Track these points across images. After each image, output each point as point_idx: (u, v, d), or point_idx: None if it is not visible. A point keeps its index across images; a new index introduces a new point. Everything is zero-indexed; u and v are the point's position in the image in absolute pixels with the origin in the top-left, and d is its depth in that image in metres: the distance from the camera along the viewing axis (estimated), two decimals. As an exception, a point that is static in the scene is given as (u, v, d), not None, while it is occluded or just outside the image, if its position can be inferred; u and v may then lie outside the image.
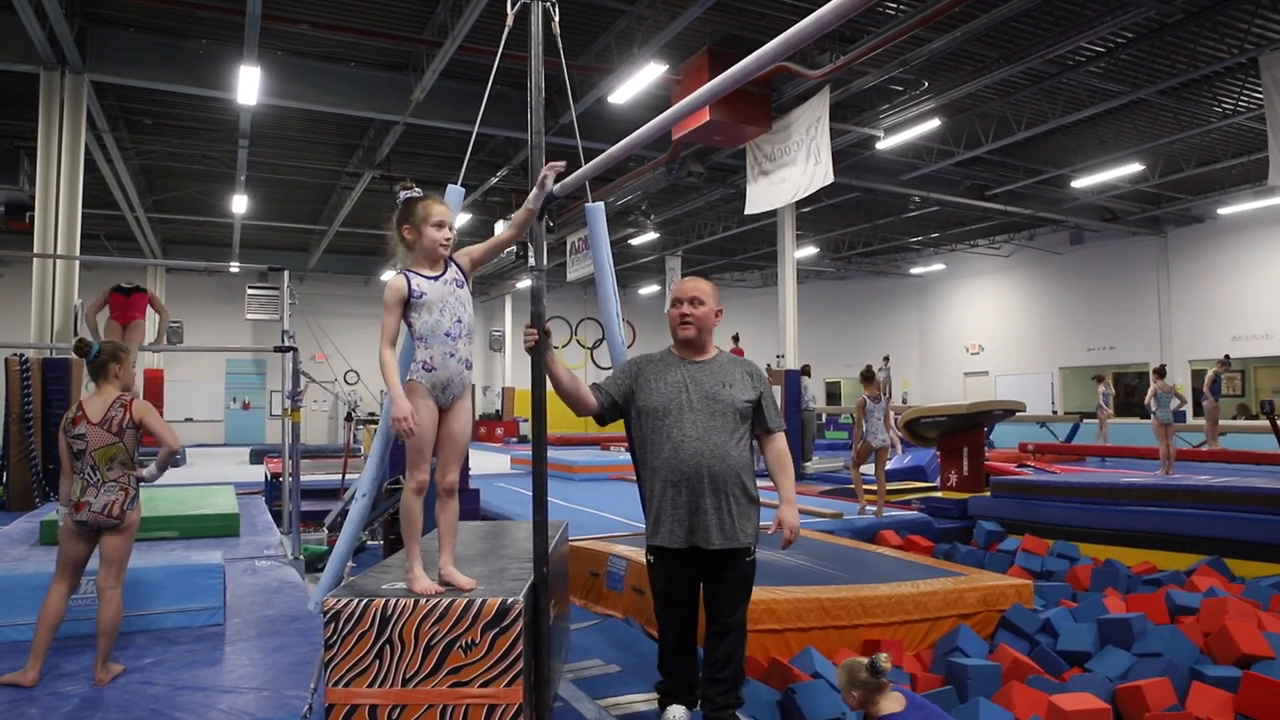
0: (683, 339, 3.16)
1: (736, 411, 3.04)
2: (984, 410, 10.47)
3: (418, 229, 2.75)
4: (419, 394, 2.74)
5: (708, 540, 2.97)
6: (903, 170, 15.49)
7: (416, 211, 2.76)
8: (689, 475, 2.98)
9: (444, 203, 2.84)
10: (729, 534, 2.97)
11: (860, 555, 6.10)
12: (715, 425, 3.01)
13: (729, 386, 3.07)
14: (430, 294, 2.74)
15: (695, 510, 2.98)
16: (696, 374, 3.09)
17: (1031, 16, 9.91)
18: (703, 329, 3.14)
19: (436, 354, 2.76)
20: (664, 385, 3.09)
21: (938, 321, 25.49)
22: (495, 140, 14.07)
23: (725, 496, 2.98)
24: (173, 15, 10.12)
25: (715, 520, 2.97)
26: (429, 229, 2.75)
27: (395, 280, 2.75)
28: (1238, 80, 11.97)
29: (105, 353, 3.79)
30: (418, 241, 2.76)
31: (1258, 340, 18.00)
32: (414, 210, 2.77)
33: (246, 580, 5.20)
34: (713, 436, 2.99)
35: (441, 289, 2.76)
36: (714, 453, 2.98)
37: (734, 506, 2.99)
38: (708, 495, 2.97)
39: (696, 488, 2.97)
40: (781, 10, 9.71)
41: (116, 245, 20.74)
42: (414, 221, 2.75)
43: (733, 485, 2.99)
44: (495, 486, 11.11)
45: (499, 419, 27.47)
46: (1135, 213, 18.84)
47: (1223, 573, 6.58)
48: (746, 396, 3.07)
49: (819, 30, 1.80)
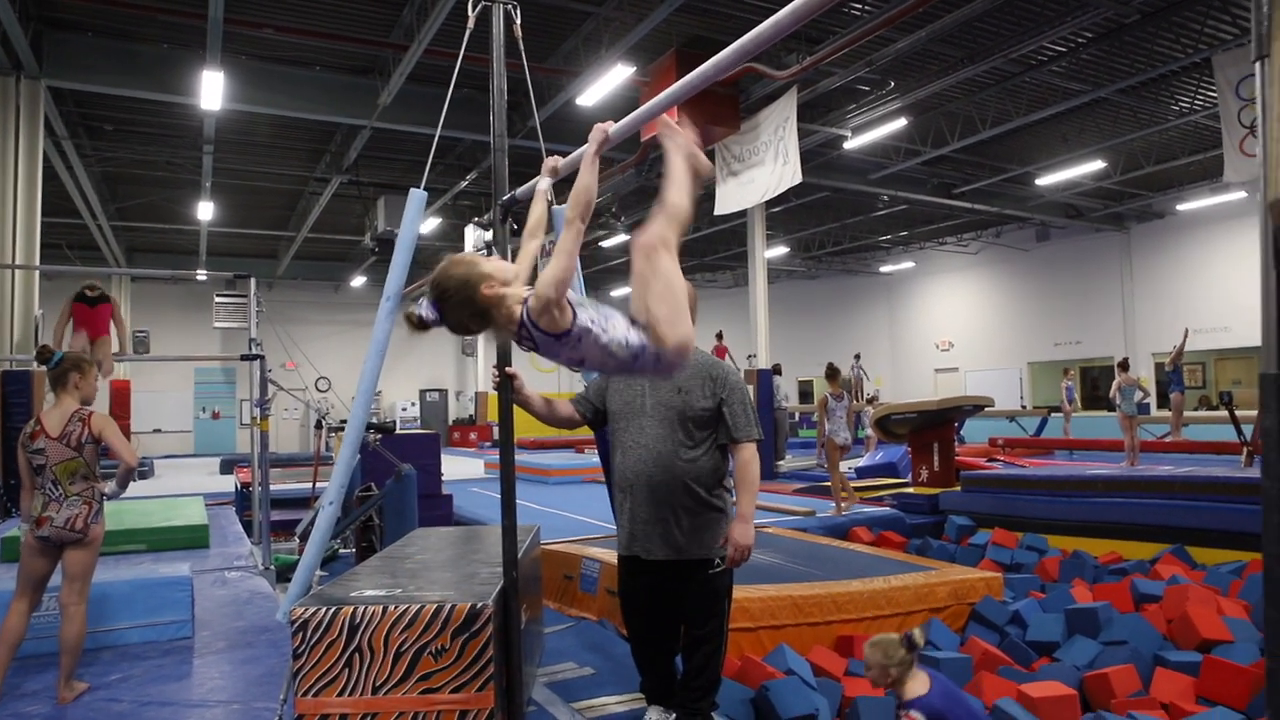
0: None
1: (687, 419, 2.92)
2: (954, 406, 10.58)
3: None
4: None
5: (648, 550, 2.90)
6: (871, 169, 15.62)
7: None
8: (633, 483, 2.93)
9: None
10: (676, 546, 2.88)
11: (833, 552, 6.14)
12: (664, 433, 2.91)
13: (683, 393, 2.95)
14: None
15: (635, 519, 2.92)
16: (656, 379, 3.00)
17: (994, 17, 10.04)
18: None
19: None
20: (626, 390, 3.04)
21: (908, 319, 25.72)
22: (464, 144, 14.01)
23: (671, 507, 2.88)
24: (133, 19, 9.98)
25: (658, 531, 2.88)
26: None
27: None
28: (1193, 79, 12.20)
29: (67, 361, 3.74)
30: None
31: (1217, 333, 18.34)
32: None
33: (216, 592, 5.15)
34: (660, 445, 2.90)
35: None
36: (658, 461, 2.89)
37: (682, 517, 2.88)
38: (647, 505, 2.89)
39: (638, 496, 2.91)
40: (747, 11, 9.76)
41: (79, 254, 20.41)
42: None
43: (681, 495, 2.88)
44: (469, 492, 11.05)
45: (472, 424, 27.34)
46: (1098, 209, 19.14)
47: (1185, 561, 6.71)
48: (702, 404, 2.94)
49: (777, 34, 1.82)
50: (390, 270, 3.20)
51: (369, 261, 21.62)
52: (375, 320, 3.16)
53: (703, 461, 2.92)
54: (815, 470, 13.50)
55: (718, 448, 2.97)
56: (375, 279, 24.45)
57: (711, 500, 2.93)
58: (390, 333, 3.19)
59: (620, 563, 3.06)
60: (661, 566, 2.91)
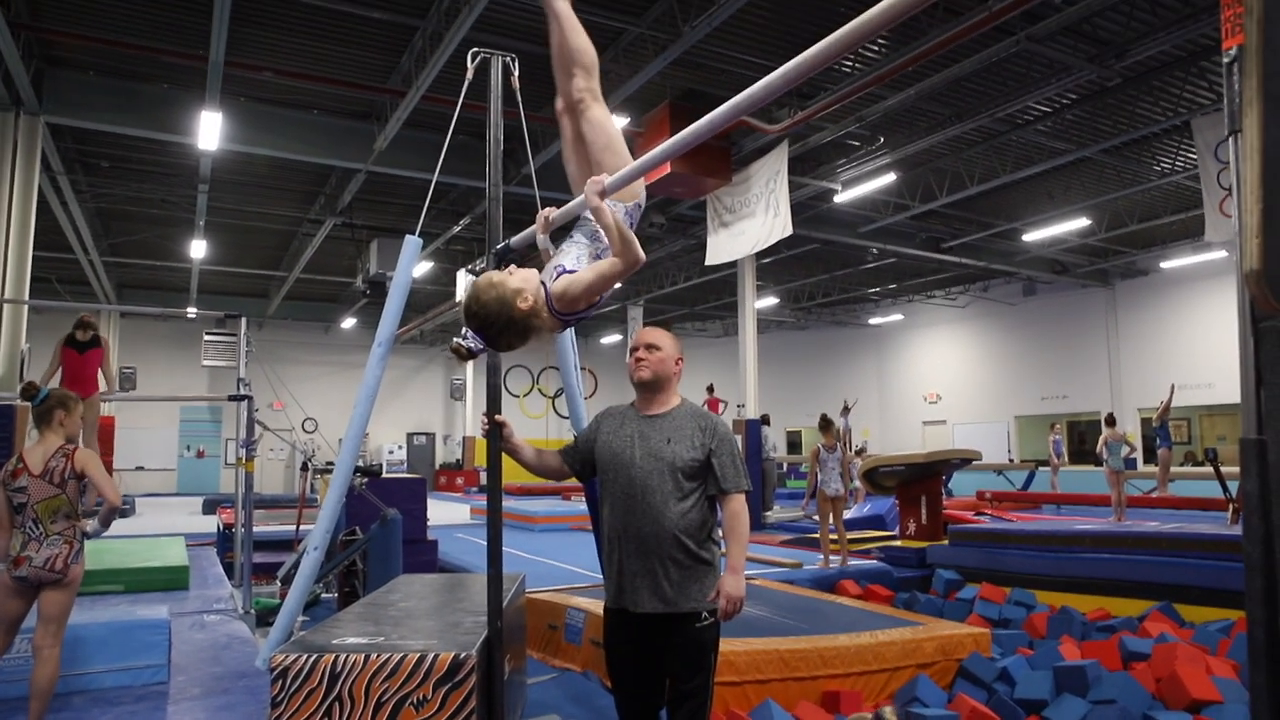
0: (637, 380, 3.03)
1: (677, 470, 2.89)
2: (942, 459, 10.60)
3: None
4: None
5: (636, 603, 2.85)
6: (860, 223, 15.81)
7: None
8: (620, 534, 2.88)
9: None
10: (665, 598, 2.83)
11: (820, 605, 6.10)
12: (652, 485, 2.87)
13: (671, 443, 2.92)
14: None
15: (623, 571, 2.88)
16: (645, 429, 2.97)
17: (981, 77, 10.27)
18: (659, 374, 3.00)
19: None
20: (615, 440, 2.99)
21: (896, 371, 25.84)
22: (458, 189, 14.14)
23: (659, 559, 2.84)
24: (134, 59, 10.10)
25: (646, 583, 2.84)
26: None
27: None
28: (1174, 141, 12.47)
29: (53, 398, 3.72)
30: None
31: (1201, 389, 18.48)
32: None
33: (194, 636, 5.07)
34: (648, 496, 2.86)
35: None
36: (646, 513, 2.85)
37: (670, 570, 2.84)
38: (635, 557, 2.85)
39: (627, 547, 2.87)
40: (739, 67, 9.95)
41: (69, 289, 20.38)
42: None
43: (669, 547, 2.84)
44: (454, 537, 10.96)
45: (459, 468, 27.18)
46: (1084, 265, 19.39)
47: (1173, 618, 6.69)
48: (691, 455, 2.90)
49: (770, 95, 1.86)
50: (383, 315, 3.22)
51: (360, 303, 21.66)
52: (367, 364, 3.16)
53: (691, 514, 2.88)
54: (803, 521, 13.45)
55: (706, 499, 2.95)
56: (365, 321, 24.46)
57: (700, 553, 2.88)
58: (381, 377, 3.20)
59: (607, 615, 3.01)
60: (649, 619, 2.87)
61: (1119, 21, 9.03)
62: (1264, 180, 1.06)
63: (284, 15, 9.16)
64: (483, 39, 8.54)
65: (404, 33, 9.56)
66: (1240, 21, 1.09)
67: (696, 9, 8.49)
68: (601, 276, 2.61)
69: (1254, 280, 1.08)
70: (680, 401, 3.05)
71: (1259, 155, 1.06)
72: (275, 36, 9.65)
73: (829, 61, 1.76)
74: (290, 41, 9.76)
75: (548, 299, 2.62)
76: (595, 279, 2.61)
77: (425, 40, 9.37)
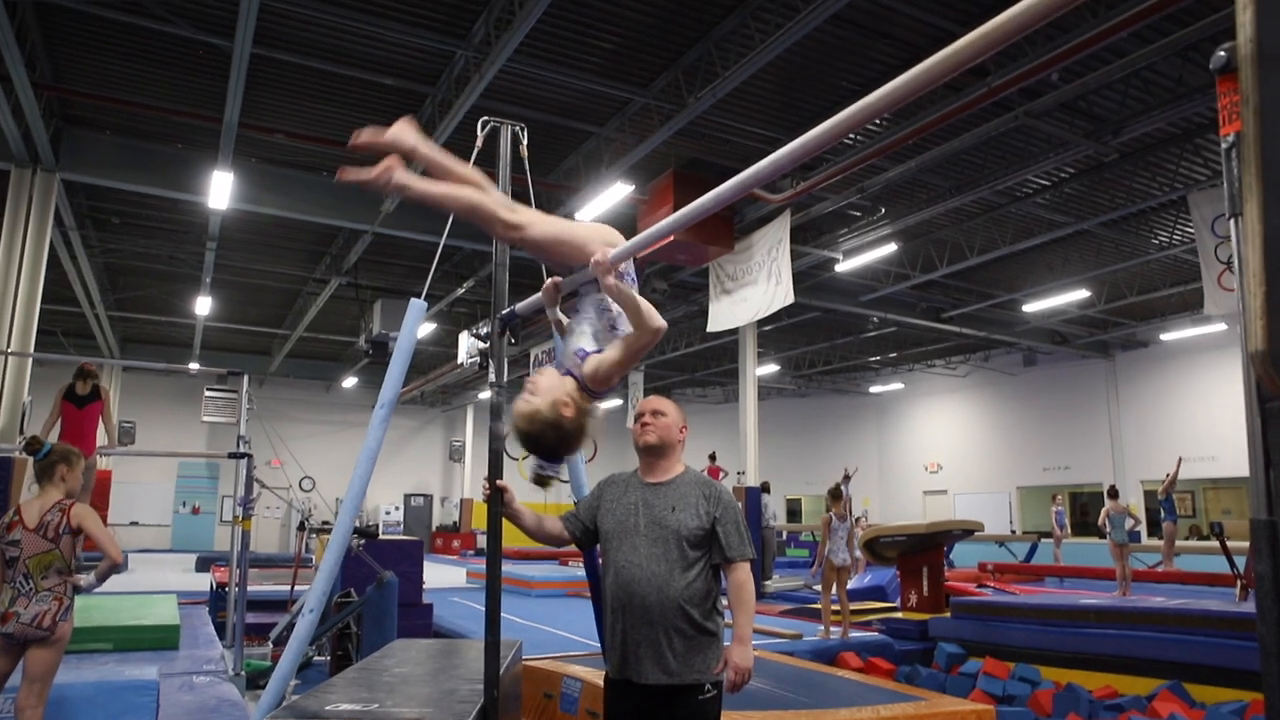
0: (643, 445, 3.03)
1: (681, 539, 2.85)
2: (943, 530, 10.50)
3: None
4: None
5: (640, 674, 2.79)
6: (861, 291, 15.93)
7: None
8: (625, 603, 2.83)
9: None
10: (669, 670, 2.78)
11: (820, 678, 5.98)
12: (657, 553, 2.84)
13: (676, 511, 2.89)
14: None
15: (627, 641, 2.82)
16: (649, 497, 2.95)
17: (980, 151, 10.46)
18: (664, 439, 3.01)
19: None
20: (618, 508, 2.97)
21: (896, 440, 25.75)
22: (463, 252, 14.29)
23: (664, 630, 2.79)
24: (150, 120, 10.31)
25: (650, 654, 2.79)
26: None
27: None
28: (1171, 215, 12.64)
29: (55, 453, 3.72)
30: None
31: (1205, 462, 18.39)
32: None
33: (182, 698, 4.96)
34: (653, 565, 2.83)
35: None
36: (651, 581, 2.81)
37: (675, 640, 2.79)
38: (640, 627, 2.80)
39: (630, 617, 2.82)
40: (743, 137, 10.15)
41: (74, 342, 20.46)
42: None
43: (674, 617, 2.79)
44: (449, 601, 10.81)
45: (456, 531, 26.93)
46: (1084, 336, 19.47)
47: (1183, 698, 6.54)
48: (696, 523, 2.87)
49: (775, 172, 1.91)
50: (387, 377, 3.23)
51: (362, 363, 21.72)
52: (369, 425, 3.16)
53: (696, 584, 2.84)
54: (803, 591, 13.27)
55: (711, 569, 2.92)
56: (366, 381, 24.49)
57: (705, 624, 2.84)
58: (382, 439, 3.19)
59: (609, 686, 2.94)
60: (653, 691, 2.81)
61: (1114, 99, 9.24)
62: (1266, 264, 1.08)
63: (297, 80, 9.39)
64: (491, 107, 8.75)
65: (414, 99, 9.78)
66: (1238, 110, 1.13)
67: (702, 81, 8.69)
68: (630, 351, 2.69)
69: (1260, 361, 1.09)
70: (684, 469, 3.04)
71: (1260, 239, 1.08)
72: (288, 101, 9.87)
73: (834, 140, 1.80)
74: (303, 106, 9.98)
75: (581, 385, 2.72)
76: (625, 355, 2.70)
77: (435, 107, 9.57)
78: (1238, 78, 1.11)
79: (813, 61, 8.71)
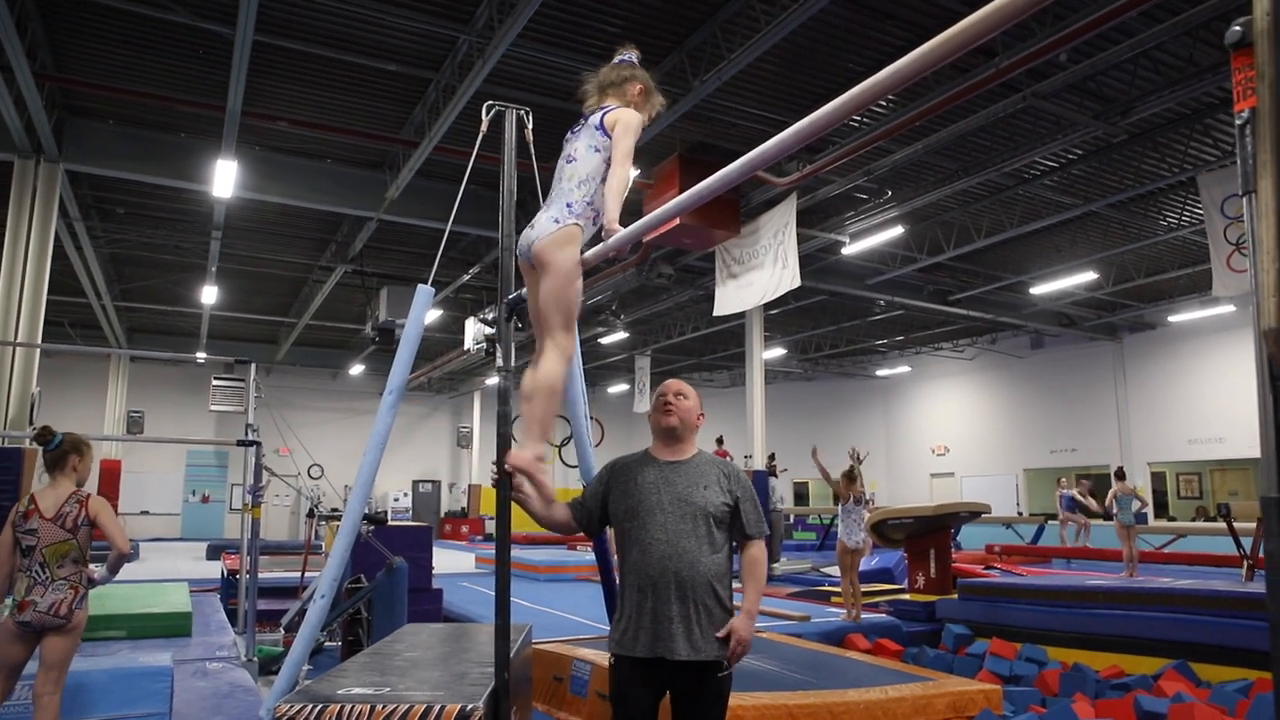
0: (664, 427, 3.03)
1: (709, 516, 2.89)
2: (950, 512, 10.51)
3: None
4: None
5: (672, 650, 2.80)
6: (868, 275, 15.88)
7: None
8: (655, 580, 2.83)
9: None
10: (697, 645, 2.81)
11: (828, 660, 6.01)
12: (685, 529, 2.86)
13: (704, 489, 2.93)
14: None
15: (659, 618, 2.82)
16: (670, 474, 2.96)
17: (988, 132, 10.40)
18: (685, 421, 3.04)
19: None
20: (636, 487, 2.96)
21: (903, 423, 25.73)
22: (468, 238, 14.28)
23: (694, 605, 2.82)
24: (153, 109, 10.30)
25: (682, 629, 2.81)
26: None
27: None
28: (1180, 197, 12.55)
29: (67, 443, 3.73)
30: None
31: (1212, 444, 18.36)
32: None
33: (196, 684, 5.00)
34: (682, 540, 2.85)
35: None
36: (682, 558, 2.83)
37: (703, 616, 2.83)
38: (674, 602, 2.81)
39: (663, 594, 2.82)
40: (749, 120, 10.10)
41: (80, 333, 20.53)
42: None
43: (703, 593, 2.83)
44: (459, 586, 10.87)
45: (464, 516, 27.03)
46: (1091, 319, 19.40)
47: (1189, 677, 6.56)
48: (722, 500, 2.93)
49: (781, 152, 1.90)
50: (394, 364, 3.23)
51: (369, 350, 21.76)
52: (377, 412, 3.17)
53: (720, 560, 2.90)
54: (810, 574, 13.30)
55: (728, 545, 2.96)
56: (373, 368, 24.54)
57: (726, 602, 2.89)
58: (391, 426, 3.20)
59: (630, 666, 2.89)
60: (682, 668, 2.83)
61: (1123, 80, 9.17)
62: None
63: (300, 67, 9.36)
64: (495, 92, 8.71)
65: (418, 85, 9.75)
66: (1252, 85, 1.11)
67: (707, 64, 8.65)
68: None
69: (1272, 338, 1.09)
70: (698, 450, 3.08)
71: (1275, 216, 1.07)
72: (291, 88, 9.84)
73: (840, 120, 1.79)
74: (305, 92, 9.96)
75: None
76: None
77: (439, 92, 9.54)
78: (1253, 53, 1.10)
79: (819, 44, 8.65)
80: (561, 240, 2.76)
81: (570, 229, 2.79)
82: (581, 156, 2.95)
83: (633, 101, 3.03)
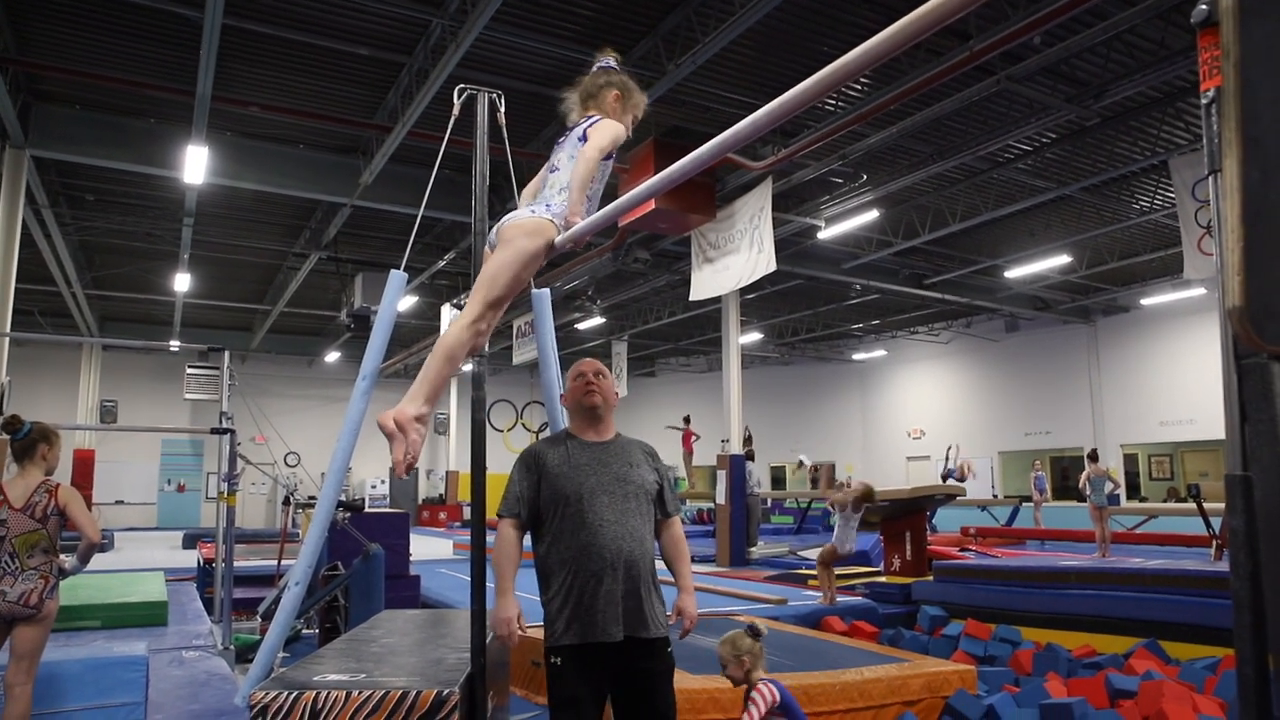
0: (588, 405, 2.99)
1: (646, 494, 2.94)
2: (926, 494, 10.61)
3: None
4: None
5: (645, 628, 2.81)
6: (843, 259, 15.94)
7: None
8: (610, 562, 2.78)
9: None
10: (659, 622, 2.87)
11: (805, 642, 6.06)
12: (630, 508, 2.88)
13: (636, 468, 2.96)
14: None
15: (627, 599, 2.81)
16: (602, 455, 2.95)
17: (962, 116, 10.44)
18: (607, 400, 3.02)
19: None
20: (570, 469, 2.90)
21: (880, 406, 25.91)
22: (443, 224, 14.18)
23: (645, 584, 2.86)
24: (121, 94, 10.12)
25: (647, 608, 2.84)
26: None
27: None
28: (1152, 180, 12.68)
29: (35, 432, 3.68)
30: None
31: (1184, 425, 18.63)
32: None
33: (172, 672, 4.97)
34: (630, 520, 2.86)
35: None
36: (633, 536, 2.85)
37: (654, 593, 2.89)
38: (630, 581, 2.82)
39: (618, 574, 2.79)
40: (724, 104, 10.08)
41: (51, 321, 20.23)
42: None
43: (648, 572, 2.88)
44: (436, 573, 10.84)
45: (442, 503, 26.97)
46: (1065, 302, 19.59)
47: (1159, 655, 6.68)
48: (654, 478, 2.99)
49: (755, 133, 1.89)
50: (368, 349, 3.21)
51: (344, 337, 21.59)
52: (350, 399, 3.15)
53: (652, 538, 2.98)
54: (787, 557, 13.40)
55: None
56: (349, 355, 24.36)
57: (657, 578, 2.95)
58: (365, 412, 3.18)
59: (577, 654, 2.78)
60: (637, 647, 2.83)
61: (1096, 63, 9.22)
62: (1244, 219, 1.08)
63: (271, 51, 9.22)
64: (469, 76, 8.63)
65: (390, 69, 9.64)
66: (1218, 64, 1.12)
67: (681, 47, 8.61)
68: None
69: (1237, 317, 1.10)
70: (617, 429, 3.11)
71: (1239, 194, 1.08)
72: (262, 72, 9.70)
73: (812, 100, 1.79)
74: (277, 77, 9.82)
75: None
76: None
77: (411, 77, 9.45)
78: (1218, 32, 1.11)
79: (793, 27, 8.63)
80: (529, 228, 2.71)
81: (542, 221, 2.74)
82: (564, 166, 2.93)
83: (610, 109, 3.01)
